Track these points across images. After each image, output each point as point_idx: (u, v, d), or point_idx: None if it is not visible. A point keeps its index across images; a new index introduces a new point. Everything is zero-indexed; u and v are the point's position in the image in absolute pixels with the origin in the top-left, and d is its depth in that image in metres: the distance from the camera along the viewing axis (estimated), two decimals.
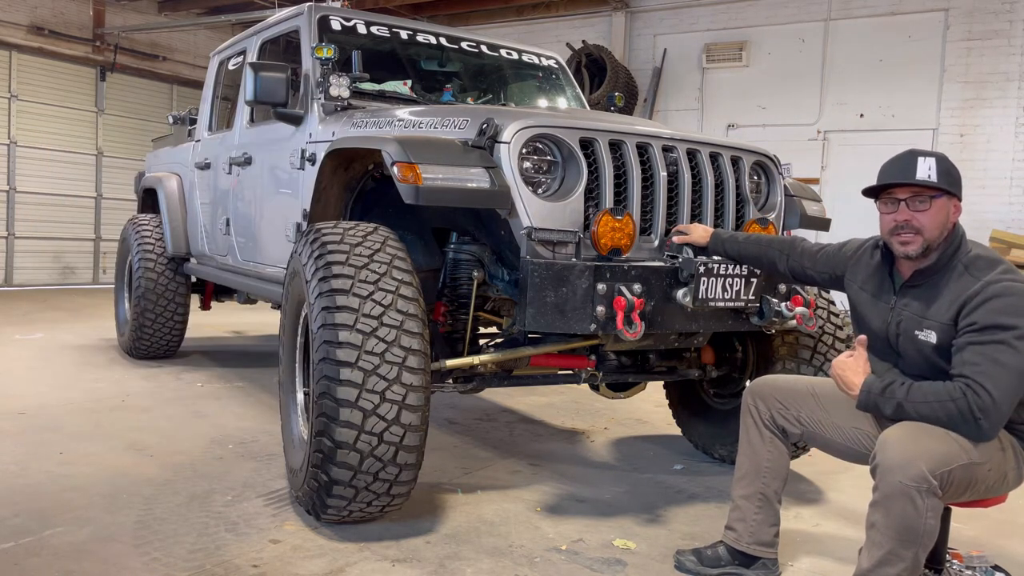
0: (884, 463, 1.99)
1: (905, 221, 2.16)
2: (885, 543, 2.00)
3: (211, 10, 12.50)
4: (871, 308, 2.35)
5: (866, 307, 2.38)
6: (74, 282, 12.05)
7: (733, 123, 10.09)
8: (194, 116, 5.94)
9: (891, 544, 1.99)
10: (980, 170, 8.68)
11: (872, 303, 2.35)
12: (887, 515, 1.98)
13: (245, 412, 4.53)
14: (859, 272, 2.43)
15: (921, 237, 2.15)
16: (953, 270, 2.15)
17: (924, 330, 2.15)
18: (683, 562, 2.60)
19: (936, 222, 2.15)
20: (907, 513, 1.96)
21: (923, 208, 2.14)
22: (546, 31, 11.37)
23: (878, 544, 2.01)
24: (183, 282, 5.78)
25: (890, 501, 1.97)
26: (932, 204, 2.14)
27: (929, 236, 2.15)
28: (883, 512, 1.99)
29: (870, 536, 2.04)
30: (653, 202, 3.00)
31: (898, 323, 2.23)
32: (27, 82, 11.40)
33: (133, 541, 2.65)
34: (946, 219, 2.16)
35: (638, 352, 3.47)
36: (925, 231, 2.15)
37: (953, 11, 8.73)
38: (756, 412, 2.52)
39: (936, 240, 2.17)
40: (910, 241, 2.17)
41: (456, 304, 3.14)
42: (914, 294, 2.22)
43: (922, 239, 2.15)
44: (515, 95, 4.75)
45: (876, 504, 2.01)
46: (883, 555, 2.00)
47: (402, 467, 2.59)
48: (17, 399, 4.56)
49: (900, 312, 2.23)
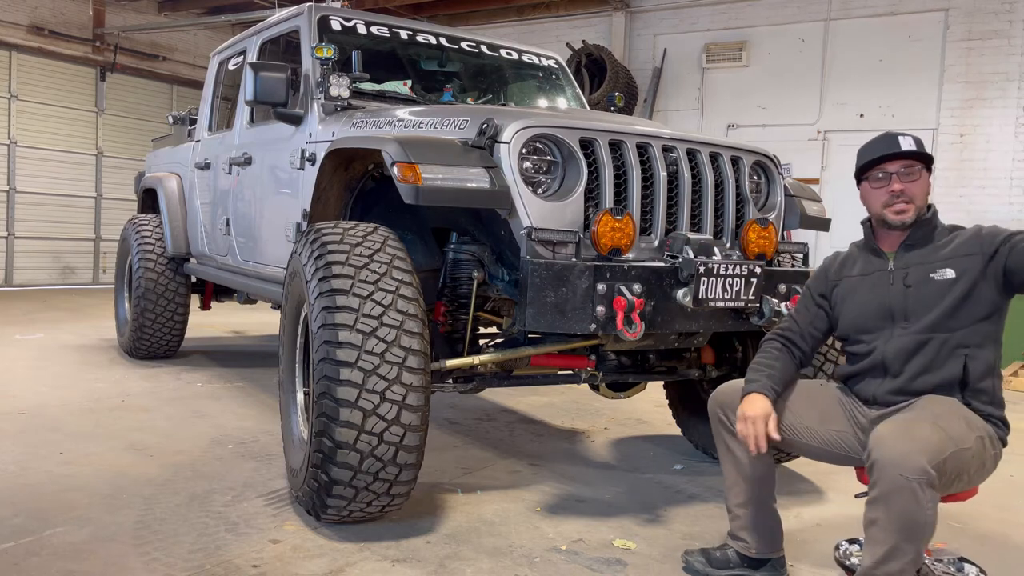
0: (882, 459, 1.99)
1: (900, 190, 2.31)
2: (888, 539, 1.99)
3: (211, 10, 12.51)
4: (865, 284, 2.43)
5: (860, 287, 2.44)
6: (74, 282, 12.05)
7: (733, 123, 10.09)
8: (194, 116, 5.94)
9: (894, 539, 1.98)
10: (980, 170, 8.69)
11: (865, 280, 2.43)
12: (888, 510, 1.98)
13: (245, 412, 4.53)
14: (843, 271, 2.51)
15: (913, 205, 2.32)
16: (939, 230, 2.37)
17: (939, 270, 2.28)
18: (691, 563, 2.59)
19: (923, 191, 2.33)
20: (909, 507, 1.96)
21: (913, 179, 2.32)
22: (546, 31, 11.37)
23: (880, 541, 2.01)
24: (183, 282, 5.79)
25: (891, 496, 1.97)
26: (920, 175, 2.33)
27: (919, 204, 2.33)
28: (883, 508, 1.99)
29: (871, 534, 2.04)
30: (653, 202, 3.00)
31: (904, 277, 2.34)
32: (27, 82, 11.41)
33: (133, 541, 2.65)
34: (928, 189, 2.36)
35: (638, 352, 3.47)
36: (916, 199, 2.32)
37: (953, 11, 8.73)
38: (727, 420, 2.48)
39: (923, 208, 2.35)
40: (904, 209, 2.32)
41: (456, 304, 3.14)
42: (914, 250, 2.36)
43: (914, 207, 2.32)
44: (515, 95, 4.75)
45: (875, 501, 2.01)
46: (886, 551, 2.00)
47: (402, 467, 2.59)
48: (17, 399, 4.56)
49: (903, 269, 2.35)
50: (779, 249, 3.29)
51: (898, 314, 2.34)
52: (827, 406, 2.45)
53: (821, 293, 2.55)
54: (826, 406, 2.45)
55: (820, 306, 2.54)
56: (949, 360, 2.26)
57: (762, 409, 2.33)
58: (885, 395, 2.34)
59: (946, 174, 8.88)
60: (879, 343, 2.36)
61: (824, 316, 2.55)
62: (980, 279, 2.24)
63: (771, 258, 3.14)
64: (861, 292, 2.42)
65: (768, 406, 2.34)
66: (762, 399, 2.35)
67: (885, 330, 2.36)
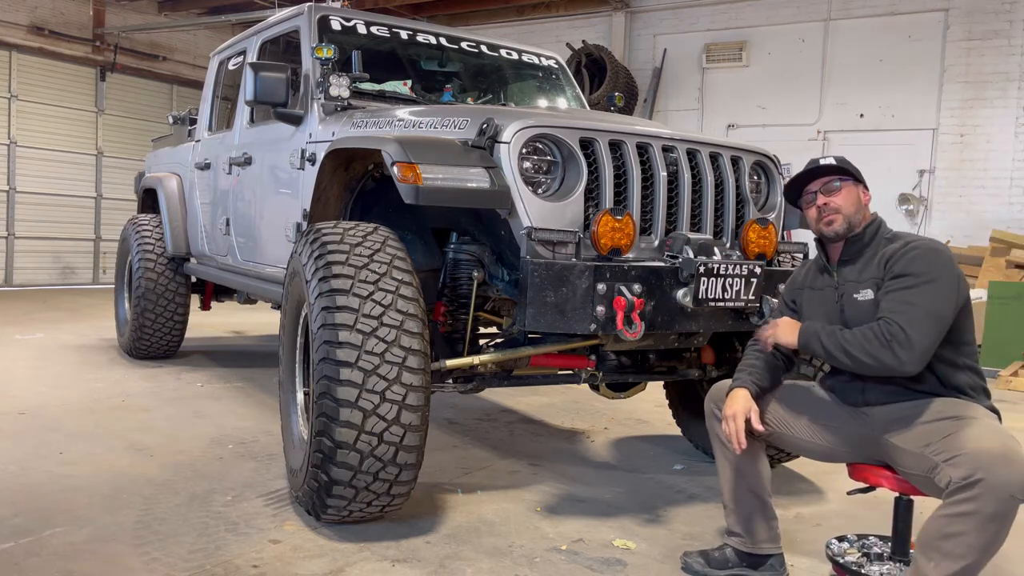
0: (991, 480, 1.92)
1: (824, 204, 2.40)
2: (969, 555, 1.95)
3: (211, 10, 12.51)
4: (816, 297, 2.50)
5: (812, 300, 2.51)
6: (74, 282, 12.05)
7: (733, 123, 10.10)
8: (194, 116, 5.94)
9: (975, 556, 1.95)
10: (980, 170, 8.69)
11: (816, 294, 2.51)
12: (982, 530, 1.93)
13: (245, 412, 4.53)
14: (806, 280, 2.58)
15: (840, 215, 2.38)
16: (877, 243, 2.40)
17: (861, 291, 2.34)
18: (690, 563, 2.60)
19: (849, 201, 2.39)
20: (1005, 528, 1.94)
21: (835, 191, 2.40)
22: (546, 31, 11.37)
23: (958, 556, 1.96)
24: (183, 282, 5.79)
25: (995, 518, 1.92)
26: (842, 187, 2.40)
27: (847, 212, 2.38)
28: (976, 525, 1.93)
29: (945, 547, 1.97)
30: (653, 202, 3.00)
31: (841, 295, 2.41)
32: (27, 82, 11.41)
33: (133, 541, 2.65)
34: (858, 200, 2.41)
35: (638, 352, 3.47)
36: (843, 209, 2.38)
37: (953, 11, 8.73)
38: (719, 415, 2.50)
39: (855, 217, 2.40)
40: (833, 219, 2.39)
41: (456, 304, 3.14)
42: (849, 266, 2.42)
43: (842, 216, 2.38)
44: (515, 95, 4.75)
45: (967, 516, 1.94)
46: (963, 567, 1.96)
47: (402, 467, 2.59)
48: (17, 399, 4.56)
49: (841, 286, 2.42)
50: (779, 249, 3.29)
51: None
52: (820, 404, 2.48)
53: (791, 299, 2.63)
54: (819, 404, 2.48)
55: (792, 308, 2.62)
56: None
57: (743, 404, 2.39)
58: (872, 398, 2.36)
59: (946, 174, 8.88)
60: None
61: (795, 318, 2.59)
62: None
63: (771, 258, 3.15)
64: (815, 306, 2.49)
65: (749, 400, 2.41)
66: (743, 393, 2.43)
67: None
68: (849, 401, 2.42)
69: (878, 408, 2.33)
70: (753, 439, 2.49)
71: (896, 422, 2.27)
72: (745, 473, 2.50)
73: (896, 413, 2.28)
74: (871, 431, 2.34)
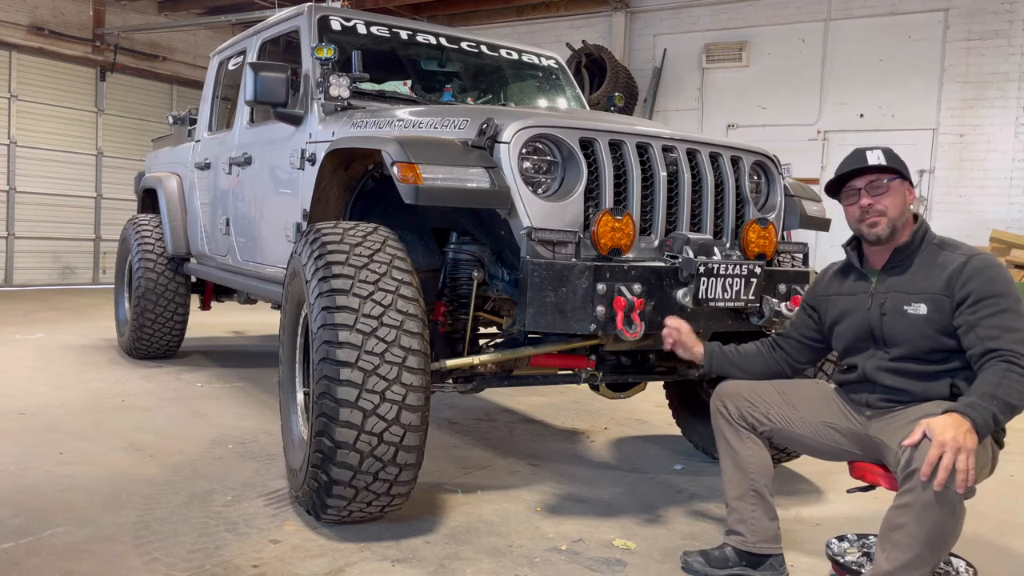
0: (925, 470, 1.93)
1: (869, 205, 2.31)
2: (914, 546, 1.97)
3: (211, 10, 12.51)
4: (848, 304, 2.45)
5: (842, 306, 2.47)
6: (74, 282, 12.05)
7: (733, 123, 10.09)
8: (194, 116, 5.94)
9: (920, 548, 1.96)
10: (980, 170, 8.69)
11: (849, 300, 2.45)
12: (920, 521, 1.94)
13: (245, 412, 4.53)
14: (832, 286, 2.54)
15: (885, 217, 2.30)
16: (927, 250, 2.32)
17: (913, 304, 2.26)
18: (690, 563, 2.59)
19: (896, 203, 2.31)
20: (946, 520, 1.94)
21: (881, 192, 2.31)
22: (546, 31, 11.37)
23: (904, 547, 1.98)
24: (183, 282, 5.79)
25: (929, 508, 1.93)
26: (888, 187, 2.31)
27: (892, 215, 2.30)
28: (915, 516, 1.95)
29: (893, 538, 2.01)
30: (653, 202, 3.00)
31: (882, 304, 2.33)
32: (27, 82, 11.41)
33: (133, 541, 2.65)
34: (904, 201, 2.33)
35: (638, 352, 3.47)
36: (888, 211, 2.30)
37: (953, 11, 8.73)
38: (726, 412, 2.54)
39: (899, 220, 2.32)
40: (877, 222, 2.31)
41: (456, 304, 3.14)
42: (896, 275, 2.34)
43: (887, 219, 2.30)
44: (515, 95, 4.75)
45: (907, 507, 1.97)
46: (910, 558, 1.98)
47: (402, 467, 2.59)
48: (17, 399, 4.56)
49: (883, 295, 2.34)
50: (779, 249, 3.29)
51: (877, 339, 2.37)
52: (823, 402, 2.50)
53: (810, 303, 2.62)
54: (822, 402, 2.50)
55: (809, 315, 2.61)
56: (934, 382, 2.26)
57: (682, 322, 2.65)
58: (877, 402, 2.37)
59: (946, 174, 8.88)
60: (861, 361, 2.41)
61: (811, 324, 2.62)
62: (951, 319, 2.22)
63: (771, 258, 3.14)
64: (845, 311, 2.46)
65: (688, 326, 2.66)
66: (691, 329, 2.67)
67: (867, 350, 2.40)
68: (855, 400, 2.42)
69: (881, 409, 2.34)
70: (757, 438, 2.50)
71: (889, 421, 2.29)
72: (749, 470, 2.50)
73: (893, 415, 2.29)
74: (866, 429, 2.36)
